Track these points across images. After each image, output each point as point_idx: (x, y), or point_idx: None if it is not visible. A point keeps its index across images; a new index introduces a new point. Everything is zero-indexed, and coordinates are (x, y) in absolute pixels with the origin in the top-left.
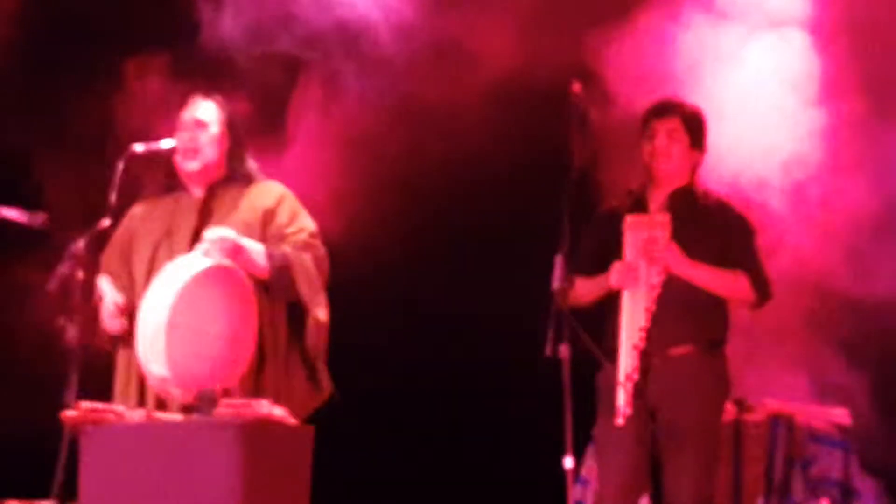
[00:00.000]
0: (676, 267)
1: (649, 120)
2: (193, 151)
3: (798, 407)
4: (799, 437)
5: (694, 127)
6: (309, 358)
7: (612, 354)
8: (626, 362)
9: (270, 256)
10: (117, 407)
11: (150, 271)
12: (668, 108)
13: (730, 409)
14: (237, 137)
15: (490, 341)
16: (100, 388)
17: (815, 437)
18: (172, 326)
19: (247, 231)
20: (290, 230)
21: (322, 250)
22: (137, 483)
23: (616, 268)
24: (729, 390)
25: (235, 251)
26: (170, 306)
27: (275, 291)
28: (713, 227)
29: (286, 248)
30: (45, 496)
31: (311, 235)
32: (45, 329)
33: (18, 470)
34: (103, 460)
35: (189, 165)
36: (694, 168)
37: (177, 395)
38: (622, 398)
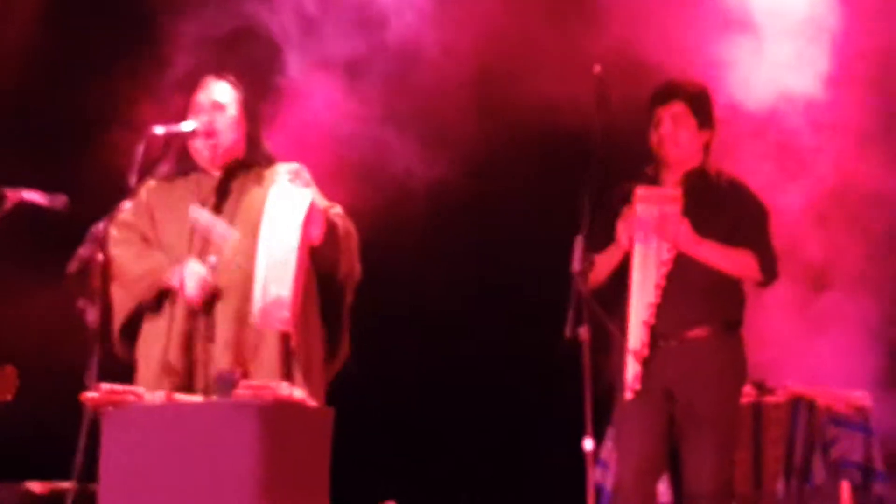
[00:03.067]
0: (686, 244)
1: (653, 107)
2: (212, 134)
3: (819, 389)
4: (819, 419)
5: (699, 107)
6: (332, 320)
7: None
8: (636, 338)
9: (326, 210)
10: (137, 389)
11: (188, 254)
12: (670, 93)
13: (750, 392)
14: (254, 118)
15: (511, 323)
16: (120, 369)
17: (836, 419)
18: (300, 250)
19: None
20: (324, 205)
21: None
22: (157, 464)
23: (621, 227)
24: (746, 372)
25: (307, 183)
26: (299, 230)
27: (322, 251)
28: (725, 206)
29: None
30: (66, 478)
31: (343, 213)
32: (65, 311)
33: (39, 452)
34: (123, 442)
35: (208, 148)
36: (706, 147)
37: (283, 318)
38: (631, 373)
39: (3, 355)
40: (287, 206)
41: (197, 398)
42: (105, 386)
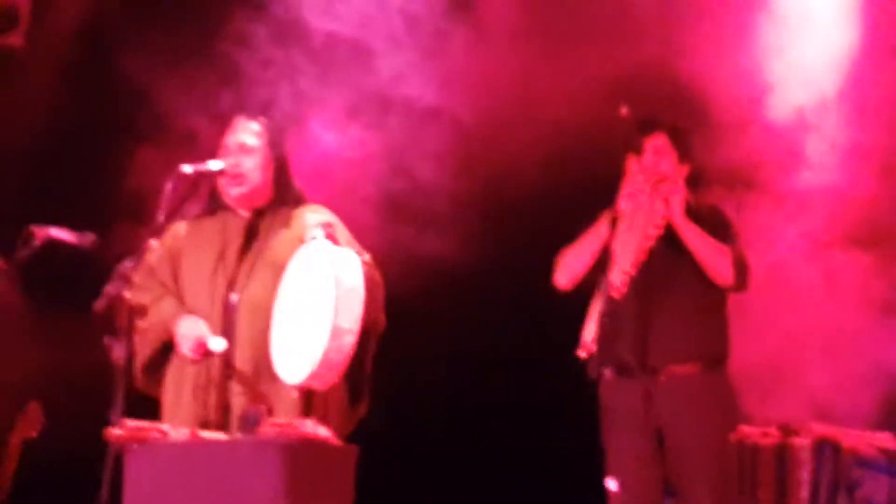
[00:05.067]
0: (676, 213)
1: (635, 135)
2: (240, 177)
3: (844, 431)
4: (844, 461)
5: (680, 141)
6: (356, 367)
7: (620, 367)
8: (602, 302)
9: None
10: (162, 425)
11: (212, 294)
12: (653, 125)
13: (774, 434)
14: (282, 159)
15: (534, 362)
16: (145, 406)
17: (861, 461)
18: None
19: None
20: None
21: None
22: (181, 502)
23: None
24: (736, 409)
25: (335, 238)
26: (361, 301)
27: None
28: (705, 230)
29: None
30: None
31: (370, 261)
32: (91, 348)
33: (64, 488)
34: (147, 478)
35: (235, 191)
36: (685, 180)
37: (327, 382)
38: (589, 334)
39: (29, 392)
40: (346, 271)
41: (221, 436)
42: (130, 423)
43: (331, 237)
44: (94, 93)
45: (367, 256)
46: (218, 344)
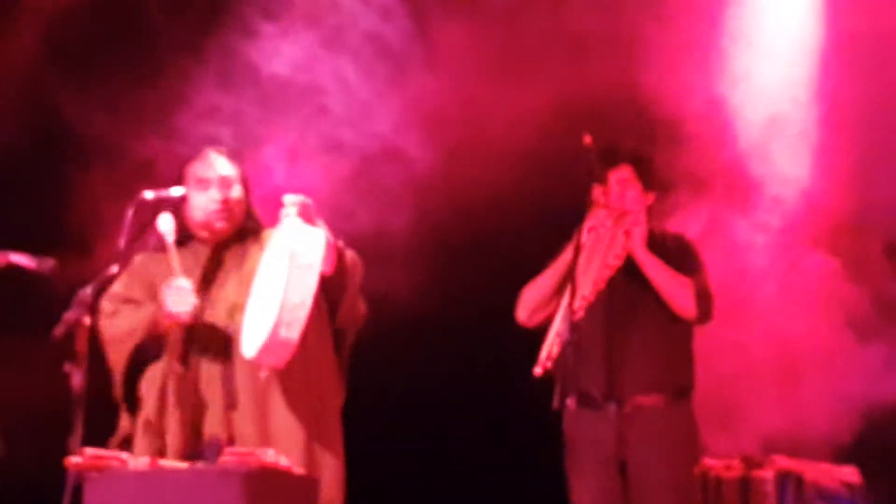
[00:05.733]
0: (637, 245)
1: (599, 165)
2: (228, 212)
3: (807, 464)
4: (808, 494)
5: (644, 171)
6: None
7: (584, 398)
8: (560, 324)
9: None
10: (121, 454)
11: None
12: (617, 157)
13: (737, 466)
14: (248, 188)
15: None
16: (104, 434)
17: (824, 495)
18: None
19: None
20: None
21: None
22: None
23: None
24: (699, 441)
25: (312, 217)
26: (316, 277)
27: (331, 282)
28: (670, 261)
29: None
30: None
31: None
32: (50, 375)
33: None
34: None
35: (220, 224)
36: (649, 209)
37: (282, 360)
38: (545, 353)
39: None
40: (303, 247)
41: (181, 464)
42: (89, 451)
43: (306, 216)
44: (47, 119)
45: (341, 242)
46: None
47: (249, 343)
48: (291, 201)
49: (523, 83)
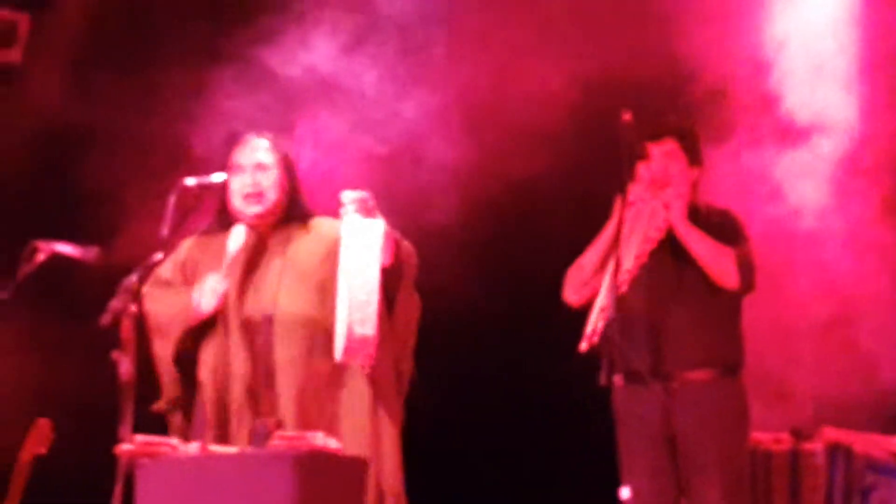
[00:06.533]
0: (678, 217)
1: (643, 141)
2: (258, 196)
3: (856, 436)
4: (857, 466)
5: (690, 145)
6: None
7: (631, 374)
8: (604, 298)
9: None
10: (172, 440)
11: (237, 309)
12: (663, 130)
13: (787, 439)
14: (293, 175)
15: (547, 371)
16: (154, 421)
17: (874, 466)
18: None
19: (314, 260)
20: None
21: None
22: None
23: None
24: (749, 416)
25: (371, 210)
26: (377, 270)
27: (390, 272)
28: (713, 233)
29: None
30: None
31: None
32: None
33: None
34: (158, 494)
35: (254, 209)
36: (695, 185)
37: (367, 355)
38: (591, 327)
39: (38, 409)
40: (363, 242)
41: (232, 449)
42: (140, 438)
43: (365, 210)
44: (93, 107)
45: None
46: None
47: (337, 346)
48: (350, 198)
49: (554, 62)
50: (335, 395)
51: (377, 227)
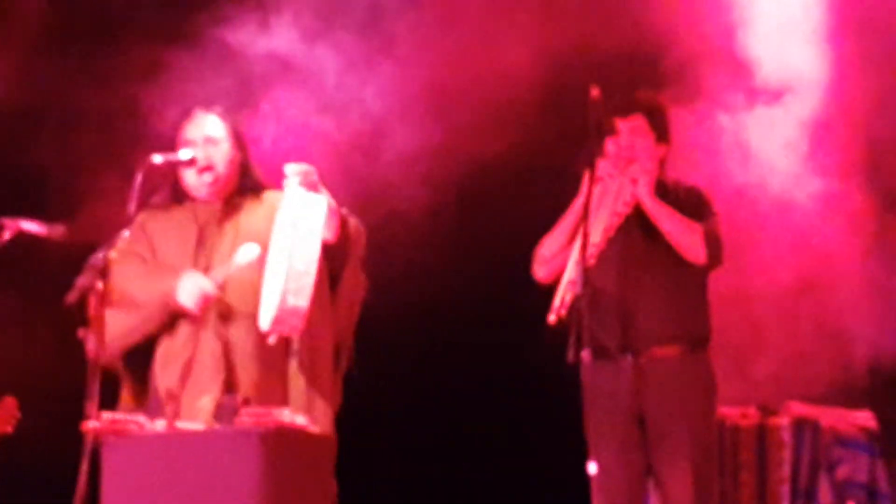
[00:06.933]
0: (646, 192)
1: (610, 116)
2: (210, 169)
3: (823, 410)
4: (824, 440)
5: (658, 121)
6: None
7: (599, 350)
8: (571, 271)
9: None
10: (138, 417)
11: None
12: (630, 106)
13: (753, 414)
14: (244, 147)
15: (511, 346)
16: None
17: (841, 440)
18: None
19: (264, 230)
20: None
21: None
22: (160, 493)
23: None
24: (716, 392)
25: (315, 185)
26: (318, 242)
27: (334, 249)
28: (681, 209)
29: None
30: None
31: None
32: (65, 341)
33: (41, 483)
34: (125, 470)
35: (205, 182)
36: (662, 160)
37: (295, 327)
38: (559, 300)
39: (3, 387)
40: (304, 214)
41: (198, 426)
42: (106, 415)
43: (309, 184)
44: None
45: (345, 210)
46: (251, 251)
47: (264, 316)
48: (293, 170)
49: (519, 39)
50: (283, 368)
51: (320, 202)
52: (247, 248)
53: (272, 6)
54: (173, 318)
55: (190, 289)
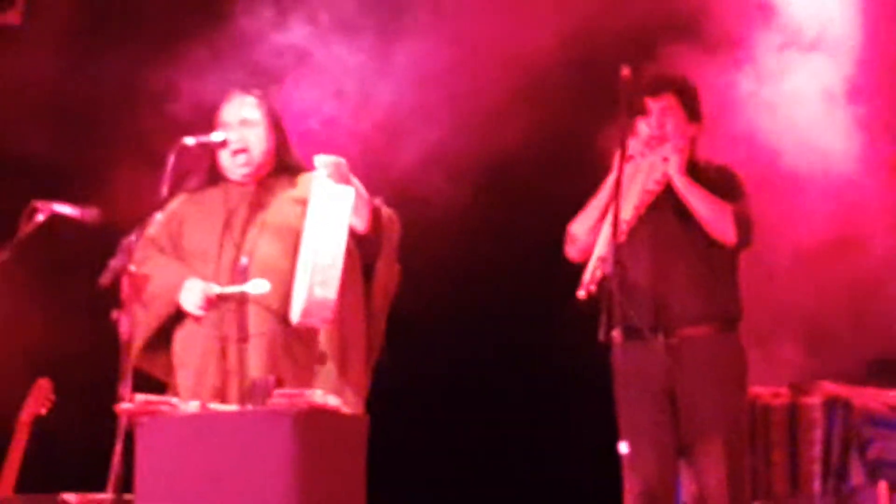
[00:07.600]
0: (674, 172)
1: (641, 96)
2: (244, 151)
3: (855, 389)
4: (856, 419)
5: (689, 100)
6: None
7: (630, 330)
8: (602, 248)
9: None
10: (172, 398)
11: (219, 261)
12: (661, 85)
13: (785, 393)
14: (280, 129)
15: (544, 327)
16: (154, 380)
17: (873, 419)
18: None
19: (294, 214)
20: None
21: None
22: (192, 474)
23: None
24: (747, 371)
25: (345, 176)
26: (345, 234)
27: (367, 239)
28: (712, 189)
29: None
30: (102, 489)
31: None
32: (98, 323)
33: (75, 464)
34: (158, 452)
35: (240, 164)
36: (693, 140)
37: (325, 318)
38: (589, 275)
39: (37, 369)
40: (331, 206)
41: (231, 407)
42: (139, 397)
43: (339, 175)
44: (93, 66)
45: (378, 199)
46: (260, 286)
47: (295, 308)
48: (322, 162)
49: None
50: (307, 353)
51: (348, 193)
52: (257, 283)
53: None
54: (179, 313)
55: (190, 296)
